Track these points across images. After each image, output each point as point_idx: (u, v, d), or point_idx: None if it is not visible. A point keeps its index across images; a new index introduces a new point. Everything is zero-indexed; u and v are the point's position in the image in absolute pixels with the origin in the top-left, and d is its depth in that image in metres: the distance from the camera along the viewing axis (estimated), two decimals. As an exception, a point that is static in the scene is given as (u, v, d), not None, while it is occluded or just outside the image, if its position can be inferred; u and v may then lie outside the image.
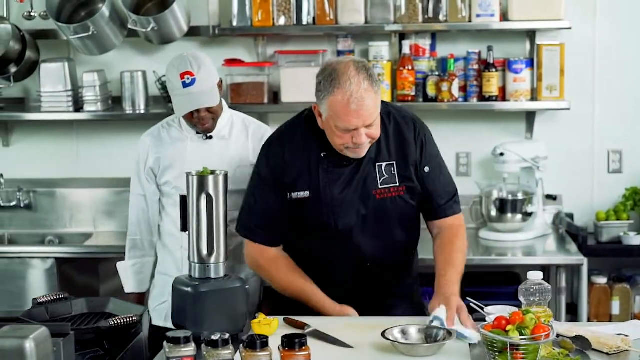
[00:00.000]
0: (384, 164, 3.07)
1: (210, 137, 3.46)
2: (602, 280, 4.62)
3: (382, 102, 3.02)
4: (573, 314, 4.59)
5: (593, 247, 4.55)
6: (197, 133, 3.46)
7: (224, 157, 3.43)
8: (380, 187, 3.06)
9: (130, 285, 3.54)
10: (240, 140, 3.50)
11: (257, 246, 3.18)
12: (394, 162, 3.07)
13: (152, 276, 3.58)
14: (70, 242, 4.95)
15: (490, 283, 4.56)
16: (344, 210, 3.06)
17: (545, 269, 4.66)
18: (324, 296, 3.08)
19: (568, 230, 4.68)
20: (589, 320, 4.49)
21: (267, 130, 3.55)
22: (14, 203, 5.05)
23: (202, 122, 3.38)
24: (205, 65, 3.37)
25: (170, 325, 2.84)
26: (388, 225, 3.10)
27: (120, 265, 3.58)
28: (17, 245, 4.95)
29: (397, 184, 3.07)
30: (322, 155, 3.06)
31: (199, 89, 3.32)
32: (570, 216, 4.80)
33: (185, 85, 3.30)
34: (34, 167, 5.11)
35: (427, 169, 3.10)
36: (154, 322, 3.43)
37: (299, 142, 3.09)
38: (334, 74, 2.88)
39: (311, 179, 3.06)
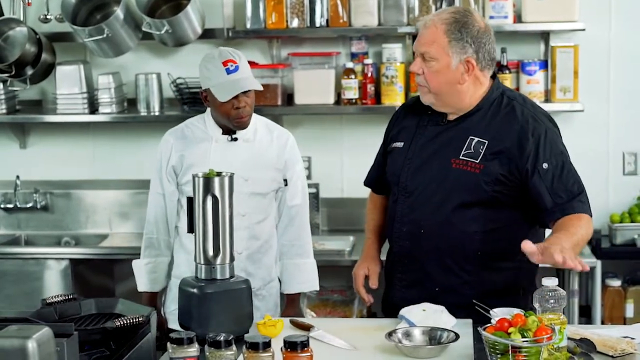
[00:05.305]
0: (475, 139, 2.99)
1: (235, 139, 3.41)
2: (616, 283, 4.60)
3: (518, 94, 3.17)
4: (587, 317, 4.57)
5: (607, 249, 4.54)
6: (224, 134, 3.41)
7: (247, 159, 3.38)
8: (460, 157, 2.98)
9: (143, 283, 3.51)
10: (264, 143, 3.45)
11: (371, 192, 3.39)
12: (486, 142, 2.98)
13: (167, 277, 3.58)
14: (85, 243, 4.99)
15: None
16: (417, 167, 3.04)
17: (558, 271, 4.64)
18: (369, 245, 3.28)
19: (582, 233, 4.65)
20: (602, 323, 4.47)
21: (290, 136, 3.53)
22: (30, 204, 5.09)
23: (243, 113, 3.33)
24: (242, 56, 3.39)
25: None
26: (452, 200, 2.97)
27: (135, 264, 3.56)
28: (33, 247, 5.00)
29: (477, 161, 2.96)
30: (428, 112, 3.10)
31: (242, 75, 3.31)
32: (585, 218, 4.78)
33: (229, 72, 3.29)
34: (51, 168, 5.15)
35: (545, 165, 2.95)
36: (170, 326, 3.42)
37: (415, 102, 3.19)
38: None
39: (410, 132, 3.13)
